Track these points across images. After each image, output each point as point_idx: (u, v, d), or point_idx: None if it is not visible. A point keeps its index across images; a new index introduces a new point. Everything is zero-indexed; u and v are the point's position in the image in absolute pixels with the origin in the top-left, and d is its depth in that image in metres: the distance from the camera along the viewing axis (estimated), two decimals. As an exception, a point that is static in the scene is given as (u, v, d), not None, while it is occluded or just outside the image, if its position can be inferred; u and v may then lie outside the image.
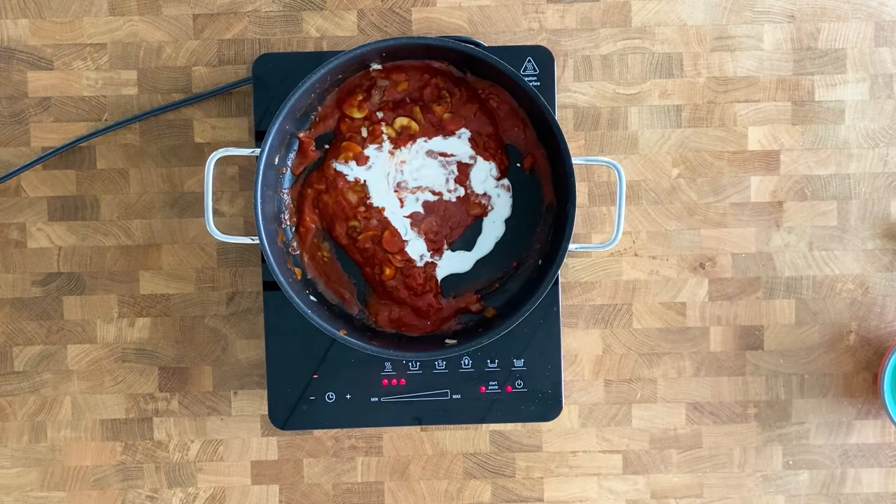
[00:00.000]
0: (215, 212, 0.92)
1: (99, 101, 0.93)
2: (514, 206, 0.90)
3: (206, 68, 0.93)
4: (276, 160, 0.87)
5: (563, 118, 0.93)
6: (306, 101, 0.86)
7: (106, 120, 0.93)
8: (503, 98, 0.89)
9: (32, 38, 0.92)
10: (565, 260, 0.86)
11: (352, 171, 0.89)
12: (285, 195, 0.90)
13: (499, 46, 0.91)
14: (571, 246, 0.84)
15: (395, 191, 0.90)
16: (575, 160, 0.83)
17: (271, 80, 0.89)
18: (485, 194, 0.90)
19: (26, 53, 0.92)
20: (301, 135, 0.88)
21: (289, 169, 0.90)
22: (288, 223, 0.90)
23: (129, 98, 0.93)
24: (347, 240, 0.90)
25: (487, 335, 0.83)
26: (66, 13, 0.92)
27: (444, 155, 0.90)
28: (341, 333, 0.83)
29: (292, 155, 0.90)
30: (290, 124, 0.86)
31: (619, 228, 0.85)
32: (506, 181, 0.90)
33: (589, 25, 0.93)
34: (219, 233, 0.85)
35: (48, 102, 0.92)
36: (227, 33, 0.92)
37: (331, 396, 0.91)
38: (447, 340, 0.87)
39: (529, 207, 0.90)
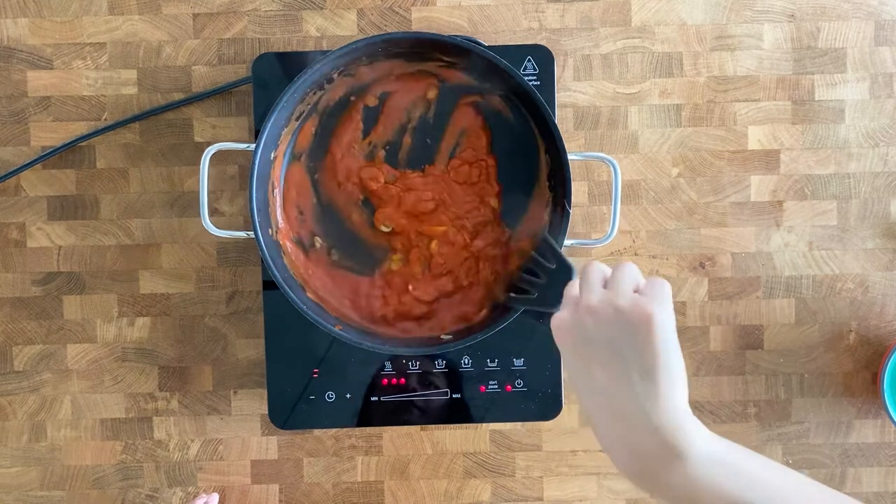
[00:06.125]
0: (215, 211, 0.92)
1: (99, 101, 0.93)
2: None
3: (206, 68, 0.93)
4: (273, 155, 0.87)
5: (563, 117, 0.93)
6: (303, 96, 0.86)
7: (106, 119, 0.93)
8: None
9: (32, 37, 0.92)
10: (565, 259, 0.86)
11: None
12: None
13: (499, 46, 0.91)
14: (567, 241, 0.83)
15: None
16: (571, 155, 0.83)
17: (271, 80, 0.89)
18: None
19: (26, 53, 0.92)
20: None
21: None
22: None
23: (128, 97, 0.93)
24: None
25: (483, 331, 0.83)
26: (65, 12, 0.92)
27: None
28: (337, 329, 0.83)
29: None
30: (286, 119, 0.86)
31: (615, 223, 0.85)
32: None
33: (589, 25, 0.93)
34: (214, 227, 0.85)
35: (48, 102, 0.92)
36: (227, 32, 0.92)
37: (331, 396, 0.91)
38: (442, 336, 0.87)
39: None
